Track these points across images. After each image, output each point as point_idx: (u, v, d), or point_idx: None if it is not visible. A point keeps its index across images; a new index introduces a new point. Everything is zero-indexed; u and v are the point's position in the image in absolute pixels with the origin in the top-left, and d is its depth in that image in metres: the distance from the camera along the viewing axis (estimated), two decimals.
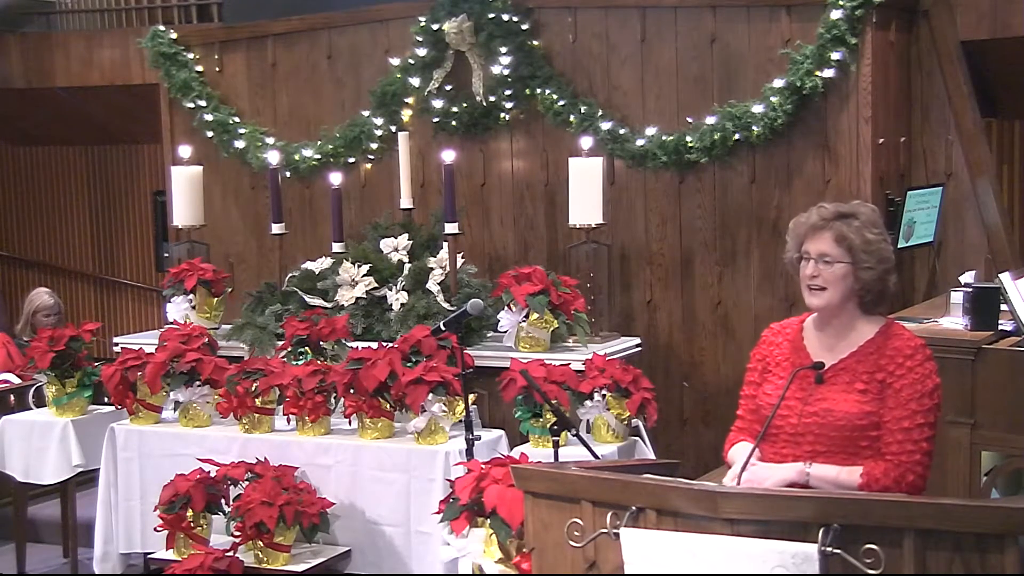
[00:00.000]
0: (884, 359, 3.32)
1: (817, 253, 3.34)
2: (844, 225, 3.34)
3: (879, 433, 3.29)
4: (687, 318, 6.21)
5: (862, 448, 3.30)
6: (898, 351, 3.33)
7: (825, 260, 3.34)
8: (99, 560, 5.60)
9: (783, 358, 3.48)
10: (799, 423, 3.34)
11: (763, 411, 3.44)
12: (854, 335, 3.39)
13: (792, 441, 3.36)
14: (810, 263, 3.36)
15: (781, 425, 3.37)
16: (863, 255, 3.32)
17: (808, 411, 3.33)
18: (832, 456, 3.30)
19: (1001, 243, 5.95)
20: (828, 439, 3.31)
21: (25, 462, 5.97)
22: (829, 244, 3.34)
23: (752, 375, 3.57)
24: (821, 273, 3.34)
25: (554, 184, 6.39)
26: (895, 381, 3.29)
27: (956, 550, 2.66)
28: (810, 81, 5.68)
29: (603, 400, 5.06)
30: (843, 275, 3.33)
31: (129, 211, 10.39)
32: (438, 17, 6.46)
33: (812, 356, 3.41)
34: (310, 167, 6.93)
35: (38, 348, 5.84)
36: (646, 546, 2.89)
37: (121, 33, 9.28)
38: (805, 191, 5.86)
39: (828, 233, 3.34)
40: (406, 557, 4.95)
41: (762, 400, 3.47)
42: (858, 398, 3.30)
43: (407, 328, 5.65)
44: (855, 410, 3.29)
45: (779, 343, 3.52)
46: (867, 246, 3.33)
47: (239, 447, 5.26)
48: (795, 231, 3.43)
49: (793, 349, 3.47)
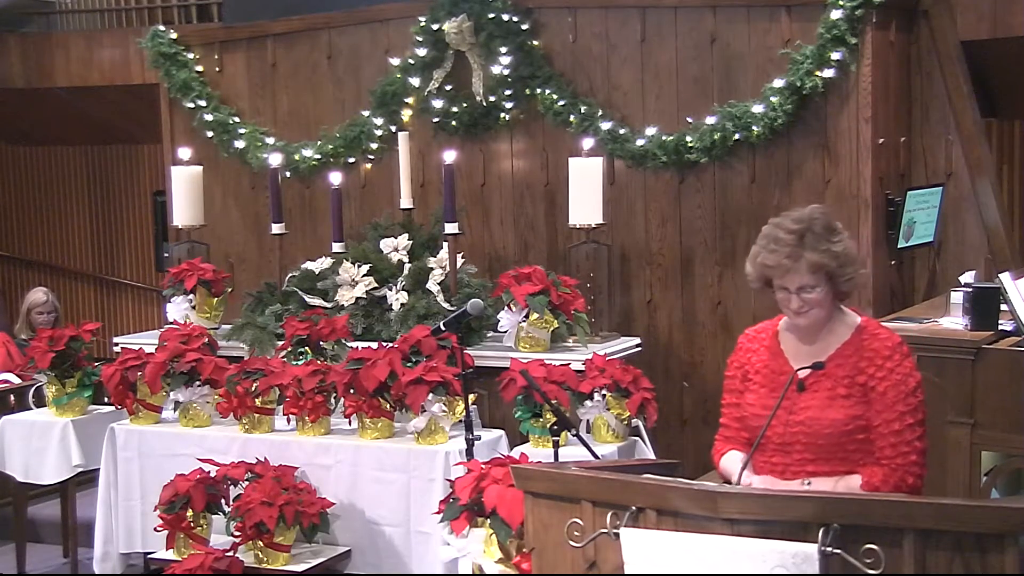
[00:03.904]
0: (863, 361, 3.32)
1: (797, 287, 3.29)
2: (812, 252, 3.25)
3: (867, 437, 3.29)
4: (687, 318, 6.21)
5: (851, 452, 3.30)
6: (876, 352, 3.32)
7: (806, 291, 3.29)
8: (99, 560, 5.61)
9: (762, 364, 3.46)
10: (785, 432, 3.33)
11: (748, 420, 3.44)
12: (831, 337, 3.38)
13: (781, 450, 3.35)
14: (792, 297, 3.31)
15: (768, 435, 3.36)
16: (840, 271, 3.29)
17: (794, 420, 3.32)
18: (822, 463, 3.30)
19: (1001, 243, 5.95)
20: (817, 447, 3.31)
21: (25, 462, 5.97)
22: (806, 276, 3.27)
23: (732, 383, 3.54)
24: (806, 301, 3.30)
25: (554, 184, 6.39)
26: (878, 383, 3.29)
27: (956, 550, 2.66)
28: (810, 81, 5.68)
29: (603, 400, 5.06)
30: (825, 294, 3.31)
31: (129, 211, 10.39)
32: (438, 17, 6.46)
33: (790, 360, 3.40)
34: (310, 167, 6.93)
35: (38, 348, 5.85)
36: (646, 546, 2.89)
37: (121, 33, 9.28)
38: (805, 191, 5.86)
39: (802, 266, 3.26)
40: (406, 557, 4.95)
41: (746, 409, 3.46)
42: (842, 403, 3.29)
43: (407, 328, 5.65)
44: (840, 416, 3.28)
45: (756, 349, 3.50)
46: (839, 260, 3.28)
47: (239, 447, 5.26)
48: (760, 271, 3.34)
49: (771, 355, 3.45)
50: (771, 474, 3.36)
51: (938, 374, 4.60)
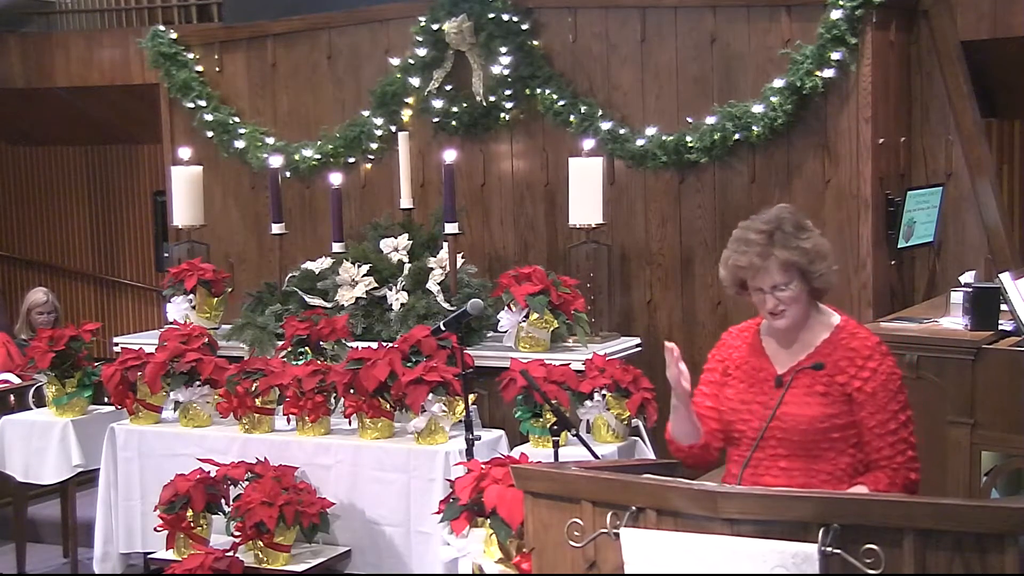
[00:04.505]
0: (843, 360, 3.33)
1: (770, 286, 3.32)
2: (782, 250, 3.28)
3: (842, 436, 3.30)
4: (687, 318, 6.21)
5: (824, 450, 3.31)
6: (856, 352, 3.34)
7: (780, 289, 3.32)
8: (99, 560, 5.61)
9: (742, 360, 3.49)
10: (761, 427, 3.34)
11: (725, 415, 3.46)
12: (809, 336, 3.40)
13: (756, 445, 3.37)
14: (767, 297, 3.33)
15: (743, 430, 3.39)
16: (811, 267, 3.31)
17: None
18: (795, 459, 3.32)
19: (1001, 243, 5.95)
20: (791, 443, 3.32)
21: (25, 462, 5.97)
22: (779, 275, 3.30)
23: (711, 375, 3.57)
24: (781, 299, 3.33)
25: (554, 184, 6.38)
26: (863, 385, 3.30)
27: (956, 550, 2.66)
28: (810, 81, 5.68)
29: (603, 400, 5.06)
30: (800, 290, 3.33)
31: (129, 211, 10.39)
32: (438, 17, 6.46)
33: (770, 358, 3.43)
34: (310, 167, 6.93)
35: (38, 348, 5.85)
36: (646, 546, 2.89)
37: (121, 33, 9.28)
38: (805, 191, 5.86)
39: (772, 265, 3.29)
40: (406, 557, 4.95)
41: (723, 404, 3.48)
42: (819, 401, 3.30)
43: (407, 328, 5.65)
44: (817, 413, 3.29)
45: (738, 346, 3.53)
46: (810, 256, 3.31)
47: (239, 447, 5.26)
48: (733, 273, 3.38)
49: (752, 352, 3.48)
50: (745, 469, 3.37)
51: (938, 374, 4.61)
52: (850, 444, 3.32)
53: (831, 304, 3.50)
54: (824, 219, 5.80)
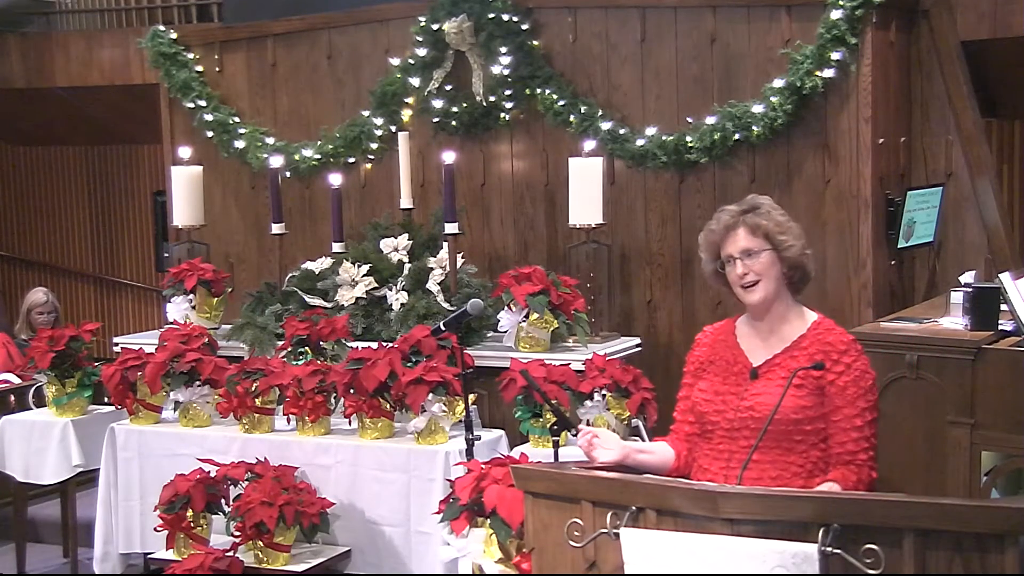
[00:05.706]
0: (819, 354, 3.36)
1: (739, 251, 3.39)
2: (753, 216, 3.39)
3: (813, 428, 3.32)
4: (687, 318, 6.20)
5: (796, 443, 3.33)
6: (831, 346, 3.37)
7: (749, 255, 3.38)
8: (99, 560, 5.61)
9: (717, 356, 3.52)
10: (735, 418, 3.37)
11: (698, 406, 3.48)
12: (787, 329, 3.43)
13: (728, 436, 3.39)
14: (736, 263, 3.40)
15: (717, 420, 3.41)
16: (780, 236, 3.39)
17: (743, 406, 3.37)
18: (767, 451, 3.32)
19: (1001, 243, 5.95)
20: (765, 435, 3.32)
21: (25, 462, 5.98)
22: (747, 239, 3.39)
23: (688, 378, 3.61)
24: (750, 268, 3.39)
25: (554, 184, 6.38)
26: (836, 378, 3.33)
27: (956, 550, 2.66)
28: (810, 81, 5.68)
29: (603, 400, 5.06)
30: (770, 262, 3.39)
31: (129, 211, 10.39)
32: (438, 17, 6.46)
33: (746, 352, 3.46)
34: (310, 167, 6.93)
35: (38, 348, 5.85)
36: (646, 546, 2.89)
37: (121, 33, 9.29)
38: (805, 191, 5.86)
39: (742, 229, 3.39)
40: (406, 557, 4.95)
41: (697, 396, 3.51)
42: (793, 392, 3.31)
43: (407, 328, 5.65)
44: (790, 405, 3.30)
45: (712, 344, 3.56)
46: (780, 227, 3.40)
47: (239, 447, 5.26)
48: (707, 240, 3.48)
49: (727, 347, 3.51)
50: (716, 461, 3.40)
51: (938, 374, 4.60)
52: (820, 438, 3.34)
53: (830, 304, 3.51)
54: (824, 219, 5.80)
